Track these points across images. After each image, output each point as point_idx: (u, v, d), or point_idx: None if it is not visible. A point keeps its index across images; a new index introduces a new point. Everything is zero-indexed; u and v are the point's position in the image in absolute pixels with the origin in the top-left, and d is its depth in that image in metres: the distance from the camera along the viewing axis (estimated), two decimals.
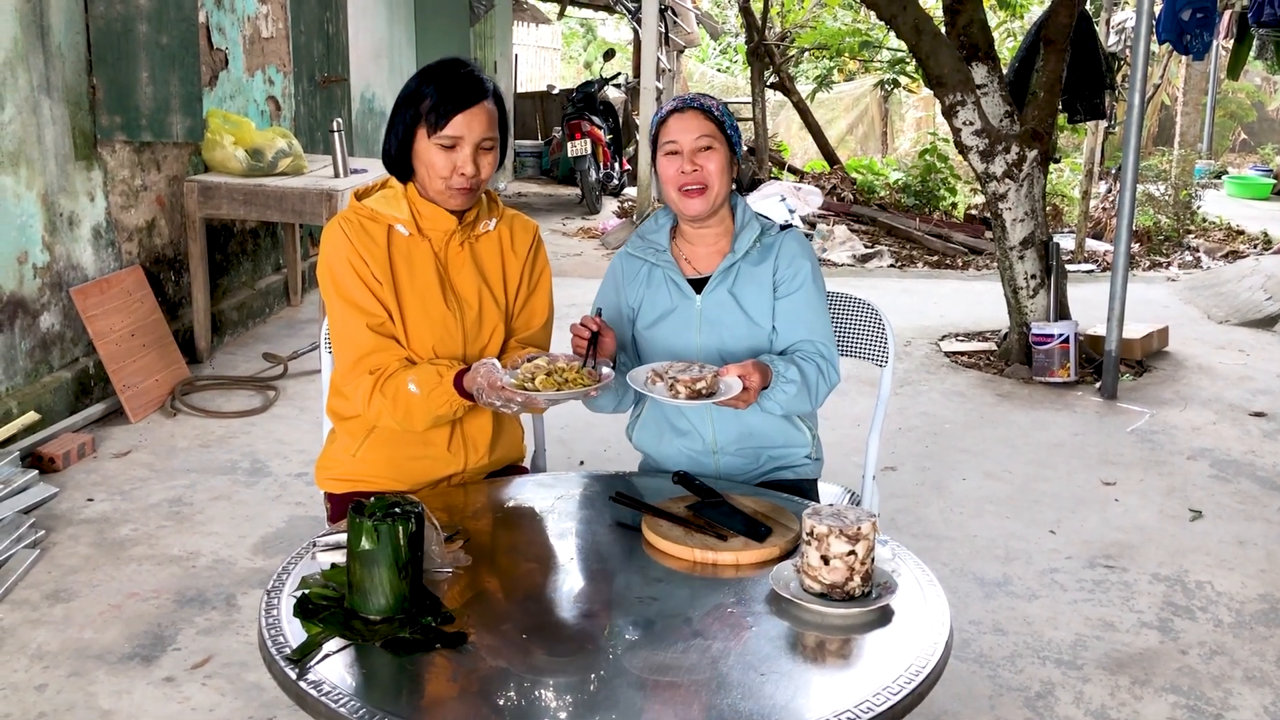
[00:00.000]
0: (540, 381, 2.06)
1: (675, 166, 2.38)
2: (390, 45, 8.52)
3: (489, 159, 2.24)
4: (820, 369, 2.38)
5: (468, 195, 2.25)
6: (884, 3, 5.54)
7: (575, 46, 23.45)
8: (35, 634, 3.00)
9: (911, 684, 1.59)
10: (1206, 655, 3.08)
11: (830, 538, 1.75)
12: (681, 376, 2.17)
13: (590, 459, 4.31)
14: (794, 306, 2.42)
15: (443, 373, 2.17)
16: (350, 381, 2.22)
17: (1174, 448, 4.67)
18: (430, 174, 2.22)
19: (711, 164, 2.37)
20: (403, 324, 2.25)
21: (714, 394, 2.17)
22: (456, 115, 2.17)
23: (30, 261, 4.27)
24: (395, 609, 1.68)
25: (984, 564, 3.58)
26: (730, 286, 2.42)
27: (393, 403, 2.18)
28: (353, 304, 2.21)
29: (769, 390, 2.30)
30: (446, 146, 2.19)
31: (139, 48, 4.71)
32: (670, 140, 2.39)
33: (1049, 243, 5.69)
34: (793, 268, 2.43)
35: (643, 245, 2.50)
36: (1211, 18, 7.05)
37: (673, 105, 2.42)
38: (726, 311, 2.42)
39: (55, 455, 4.03)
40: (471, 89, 2.19)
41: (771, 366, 2.31)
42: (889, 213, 10.30)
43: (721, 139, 2.39)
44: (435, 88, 2.19)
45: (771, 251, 2.44)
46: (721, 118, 2.41)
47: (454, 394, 2.15)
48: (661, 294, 2.46)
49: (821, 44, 12.71)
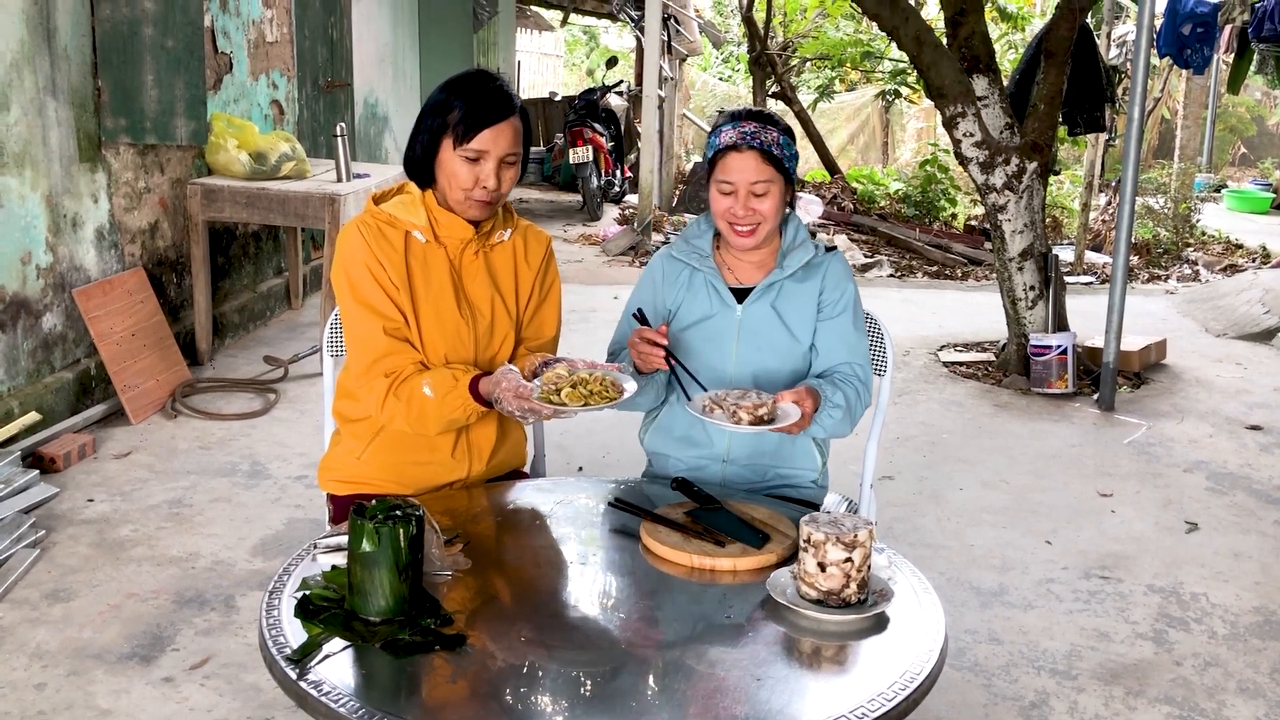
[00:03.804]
0: (566, 395, 2.06)
1: (727, 205, 2.37)
2: (394, 51, 8.54)
3: (511, 174, 2.26)
4: (858, 392, 2.41)
5: (487, 208, 2.26)
6: (886, 14, 5.57)
7: (578, 54, 23.49)
8: (35, 633, 3.01)
9: (906, 691, 1.60)
10: (1201, 667, 3.09)
11: (827, 545, 1.76)
12: (743, 404, 2.18)
13: (589, 465, 4.32)
14: (839, 329, 2.44)
15: (459, 377, 2.18)
16: (365, 384, 2.23)
17: (1171, 460, 4.69)
18: (452, 184, 2.23)
19: (765, 205, 2.36)
20: (417, 330, 2.26)
21: (773, 420, 2.19)
22: (484, 130, 2.18)
23: (34, 262, 4.28)
24: (395, 611, 1.70)
25: (980, 573, 3.60)
26: (773, 301, 2.43)
27: (407, 406, 2.19)
28: (369, 307, 2.22)
29: (817, 415, 2.32)
30: (471, 159, 2.20)
31: (144, 50, 4.73)
32: (726, 180, 2.35)
33: (1048, 254, 5.71)
34: (838, 290, 2.44)
35: (686, 249, 2.50)
36: (1212, 32, 7.09)
37: (732, 140, 2.35)
38: (767, 325, 2.43)
39: (56, 455, 4.04)
40: (500, 104, 2.20)
41: (820, 391, 2.33)
42: (889, 223, 10.33)
43: (778, 177, 2.36)
44: (464, 100, 2.19)
45: (817, 272, 2.45)
46: (781, 154, 2.35)
47: (469, 399, 2.16)
48: (701, 299, 2.46)
49: (823, 54, 12.75)
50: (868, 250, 9.56)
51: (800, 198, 10.28)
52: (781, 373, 2.42)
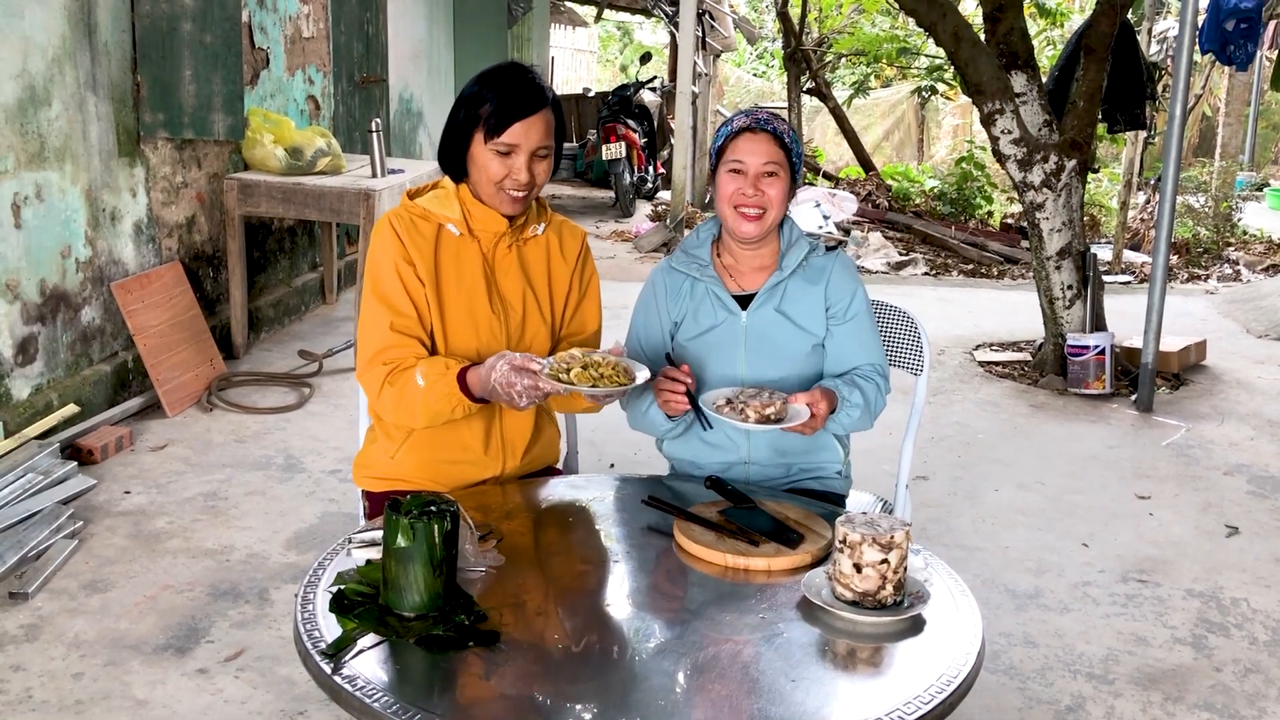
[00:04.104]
0: (575, 375, 2.03)
1: (736, 186, 2.37)
2: (429, 46, 8.57)
3: (543, 167, 2.25)
4: (879, 387, 2.41)
5: (519, 201, 2.25)
6: (923, 9, 5.52)
7: (612, 49, 23.50)
8: (73, 623, 3.05)
9: (942, 694, 1.58)
10: (1241, 673, 3.05)
11: (863, 545, 1.75)
12: (752, 402, 2.18)
13: (620, 462, 4.32)
14: (853, 331, 2.43)
15: (450, 365, 2.13)
16: (365, 375, 2.21)
17: (1210, 463, 4.62)
18: (483, 177, 2.22)
19: (773, 190, 2.36)
20: (443, 325, 2.25)
21: (782, 420, 2.18)
22: (515, 123, 2.17)
23: (73, 256, 4.33)
24: (429, 606, 1.70)
25: (1016, 575, 3.56)
26: (777, 305, 2.42)
27: (399, 394, 2.16)
28: (384, 301, 2.21)
29: (835, 414, 2.32)
30: (502, 153, 2.19)
31: (183, 46, 4.77)
32: (736, 160, 2.37)
33: (1086, 253, 5.64)
34: (846, 292, 2.43)
35: (685, 260, 2.49)
36: (1256, 28, 6.97)
37: (745, 123, 2.39)
38: (774, 329, 2.41)
39: (94, 447, 4.09)
40: (532, 97, 2.18)
41: (836, 391, 2.32)
42: (924, 220, 10.26)
43: (786, 166, 2.38)
44: (496, 93, 2.18)
45: (822, 276, 2.44)
46: (790, 144, 2.39)
47: (454, 387, 2.10)
48: (705, 309, 2.45)
49: (859, 50, 12.68)
50: (903, 248, 9.49)
51: (834, 194, 10.25)
52: (792, 376, 2.40)
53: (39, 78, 4.07)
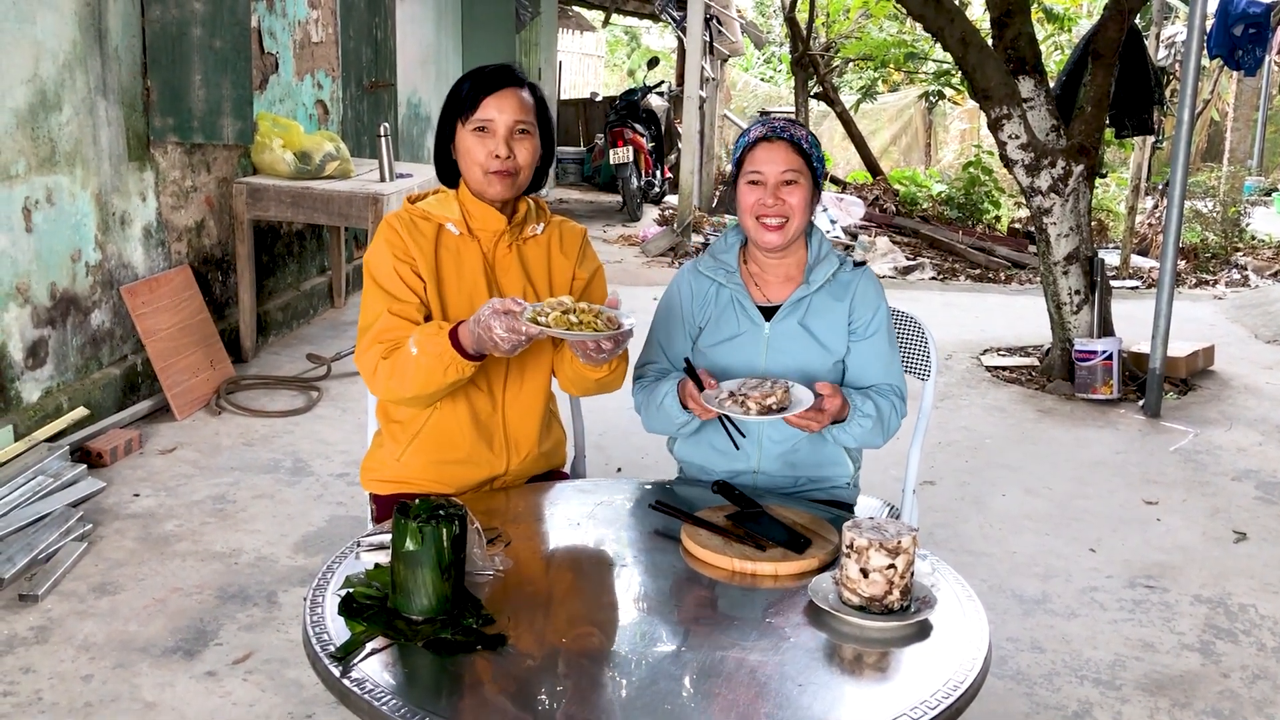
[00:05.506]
0: (554, 319, 1.99)
1: (756, 197, 2.37)
2: (437, 52, 8.60)
3: (526, 144, 2.27)
4: (894, 405, 2.40)
5: (507, 181, 2.25)
6: (931, 14, 5.52)
7: (619, 54, 23.53)
8: (82, 625, 3.06)
9: (949, 699, 1.58)
10: (1249, 679, 3.04)
11: (870, 551, 1.75)
12: (752, 393, 2.18)
13: (628, 466, 4.32)
14: (874, 349, 2.43)
15: (442, 326, 2.14)
16: (363, 356, 2.22)
17: (1218, 468, 4.62)
18: (469, 163, 2.26)
19: (794, 198, 2.35)
20: (445, 320, 2.26)
21: (784, 409, 2.17)
22: (486, 98, 2.23)
23: (83, 259, 4.35)
24: (437, 610, 1.70)
25: (1023, 581, 3.56)
26: (801, 318, 2.41)
27: (392, 365, 2.15)
28: (384, 290, 2.23)
29: (845, 424, 2.32)
30: (480, 130, 2.24)
31: (192, 51, 4.79)
32: (755, 170, 2.36)
33: (1094, 258, 5.64)
34: (870, 309, 2.43)
35: (713, 265, 2.48)
36: (1264, 33, 6.97)
37: (761, 133, 2.39)
38: (796, 343, 2.41)
39: (103, 450, 4.10)
40: (501, 75, 2.26)
41: (849, 400, 2.32)
42: (931, 225, 10.25)
43: (807, 172, 2.37)
44: (470, 78, 2.28)
45: (847, 291, 2.43)
46: (809, 150, 2.38)
47: (446, 344, 2.08)
48: (729, 316, 2.45)
49: (866, 55, 12.67)
50: (909, 252, 9.49)
51: (841, 199, 10.25)
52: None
53: (50, 83, 4.09)
